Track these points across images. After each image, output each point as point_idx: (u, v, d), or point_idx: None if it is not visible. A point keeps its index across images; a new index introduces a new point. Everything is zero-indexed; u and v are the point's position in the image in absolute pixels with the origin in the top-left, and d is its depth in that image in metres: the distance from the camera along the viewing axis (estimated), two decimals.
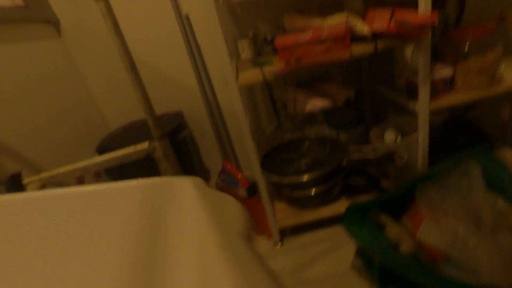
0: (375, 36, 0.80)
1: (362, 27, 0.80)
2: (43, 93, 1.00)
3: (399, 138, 1.00)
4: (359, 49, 0.78)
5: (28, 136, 0.90)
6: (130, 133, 1.18)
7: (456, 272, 0.66)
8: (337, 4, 1.03)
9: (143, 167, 1.12)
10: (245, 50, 1.09)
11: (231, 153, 1.35)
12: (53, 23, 1.12)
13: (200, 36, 1.16)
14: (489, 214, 0.65)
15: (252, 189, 1.11)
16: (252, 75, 0.85)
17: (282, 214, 1.09)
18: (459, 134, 1.08)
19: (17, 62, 0.92)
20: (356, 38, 0.82)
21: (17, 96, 0.90)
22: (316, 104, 0.89)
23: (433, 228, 0.69)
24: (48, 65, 1.06)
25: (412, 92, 0.92)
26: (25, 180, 0.52)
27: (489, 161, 0.72)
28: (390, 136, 1.04)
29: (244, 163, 1.45)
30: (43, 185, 0.61)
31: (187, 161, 1.22)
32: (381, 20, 0.75)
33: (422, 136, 0.91)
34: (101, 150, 1.10)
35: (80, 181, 0.66)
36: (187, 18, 1.06)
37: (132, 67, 0.60)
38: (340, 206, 1.04)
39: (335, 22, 0.80)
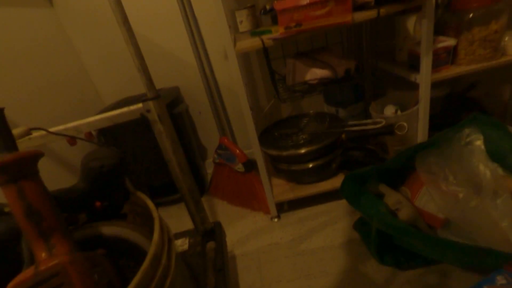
0: (378, 2, 0.78)
1: None
2: (34, 62, 0.97)
3: (399, 112, 0.99)
4: (362, 14, 0.76)
5: (18, 107, 0.88)
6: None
7: (454, 238, 0.66)
8: None
9: (137, 130, 1.10)
10: (244, 21, 1.06)
11: (229, 131, 1.33)
12: None
13: (198, 10, 1.12)
14: (490, 179, 0.64)
15: (249, 164, 1.09)
16: (251, 42, 0.82)
17: (280, 189, 1.08)
18: (460, 111, 1.07)
19: (6, 26, 0.89)
20: (358, 6, 0.80)
21: (6, 61, 0.87)
22: (316, 73, 0.87)
23: (432, 194, 0.68)
24: (39, 33, 1.03)
25: (414, 64, 0.90)
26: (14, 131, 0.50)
27: (490, 128, 0.71)
28: (390, 110, 1.02)
29: (241, 141, 1.43)
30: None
31: (184, 138, 1.20)
32: None
33: (423, 108, 0.89)
34: None
35: (72, 141, 0.64)
36: None
37: (125, 21, 0.57)
38: (338, 181, 1.02)
39: None
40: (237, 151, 1.10)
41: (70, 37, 1.19)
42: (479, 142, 0.71)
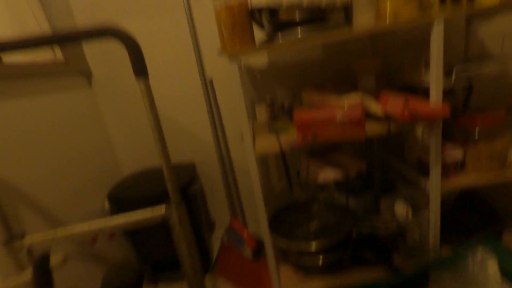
0: (388, 116, 0.85)
1: (376, 108, 0.85)
2: (65, 139, 1.05)
3: (410, 213, 1.00)
4: (373, 130, 0.82)
5: (42, 179, 0.92)
6: (142, 181, 1.20)
7: None
8: (351, 79, 1.11)
9: (155, 228, 1.11)
10: (262, 113, 1.15)
11: (239, 208, 1.35)
12: (86, 75, 1.21)
13: (221, 96, 1.23)
14: None
15: (258, 251, 1.08)
16: (269, 143, 0.88)
17: (287, 280, 1.05)
18: (471, 213, 1.07)
19: (47, 112, 0.98)
20: (369, 115, 0.87)
21: (40, 141, 0.94)
22: (329, 175, 0.91)
23: None
24: (75, 113, 1.12)
25: (422, 170, 0.94)
26: (40, 236, 0.52)
27: (502, 251, 0.71)
28: (400, 208, 1.04)
29: (250, 217, 1.44)
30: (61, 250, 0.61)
31: (194, 214, 1.22)
32: (394, 106, 0.80)
33: (433, 215, 0.90)
34: (112, 198, 1.11)
35: (94, 240, 0.66)
36: (211, 81, 1.14)
37: (161, 138, 0.64)
38: (348, 277, 1.00)
39: (351, 102, 0.85)
40: (247, 236, 1.10)
41: (101, 111, 1.30)
42: (493, 265, 0.71)
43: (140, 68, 0.59)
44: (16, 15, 0.87)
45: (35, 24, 0.91)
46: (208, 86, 1.14)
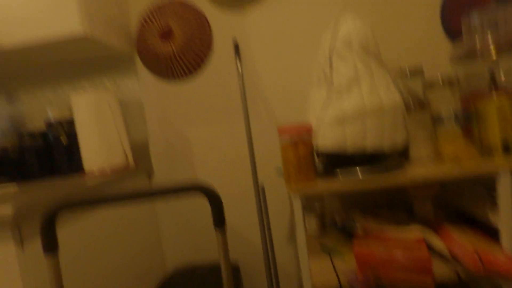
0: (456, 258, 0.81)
1: (441, 247, 0.82)
2: (120, 244, 1.07)
3: None
4: (440, 274, 0.78)
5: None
6: (186, 284, 1.19)
7: None
8: (407, 201, 1.10)
9: None
10: (312, 224, 1.15)
11: None
12: (149, 173, 1.33)
13: (270, 201, 1.27)
14: None
15: None
16: (327, 273, 0.86)
17: None
18: None
19: (112, 220, 1.05)
20: (432, 250, 0.84)
21: (97, 252, 0.98)
22: None
23: None
24: (135, 215, 1.20)
25: None
26: None
27: None
28: None
29: None
30: None
31: None
32: (463, 251, 0.77)
33: None
34: None
35: None
36: (263, 188, 1.19)
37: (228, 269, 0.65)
38: None
39: (413, 238, 0.83)
40: None
41: (156, 208, 1.37)
42: None
43: (219, 220, 0.64)
44: (111, 151, 1.03)
45: (124, 157, 1.06)
46: (260, 192, 1.19)
